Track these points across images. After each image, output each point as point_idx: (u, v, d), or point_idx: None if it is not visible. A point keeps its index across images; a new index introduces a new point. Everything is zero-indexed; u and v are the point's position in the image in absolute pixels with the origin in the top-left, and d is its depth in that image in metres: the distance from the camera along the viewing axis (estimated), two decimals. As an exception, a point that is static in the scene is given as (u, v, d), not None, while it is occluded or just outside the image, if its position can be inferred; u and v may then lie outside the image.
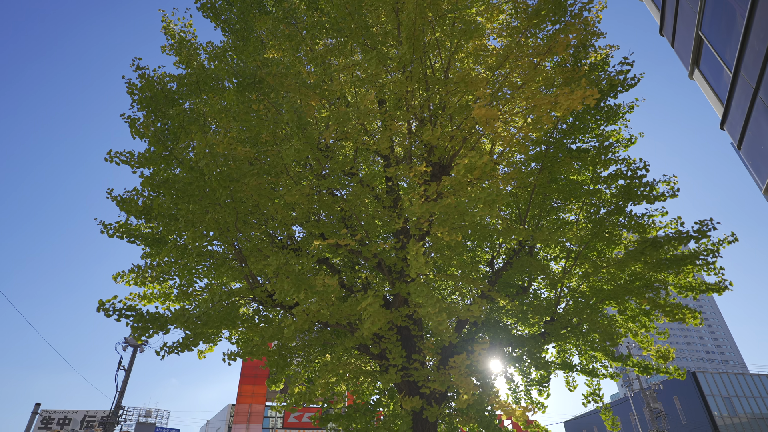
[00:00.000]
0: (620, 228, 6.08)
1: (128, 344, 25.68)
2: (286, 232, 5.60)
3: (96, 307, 4.89)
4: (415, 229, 4.80)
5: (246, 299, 5.67)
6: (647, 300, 5.82)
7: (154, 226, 5.64)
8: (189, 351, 5.12)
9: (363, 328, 4.24)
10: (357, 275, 5.92)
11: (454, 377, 4.59)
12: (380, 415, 6.57)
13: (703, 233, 5.24)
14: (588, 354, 6.84)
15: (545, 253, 6.87)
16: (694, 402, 44.91)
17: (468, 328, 6.43)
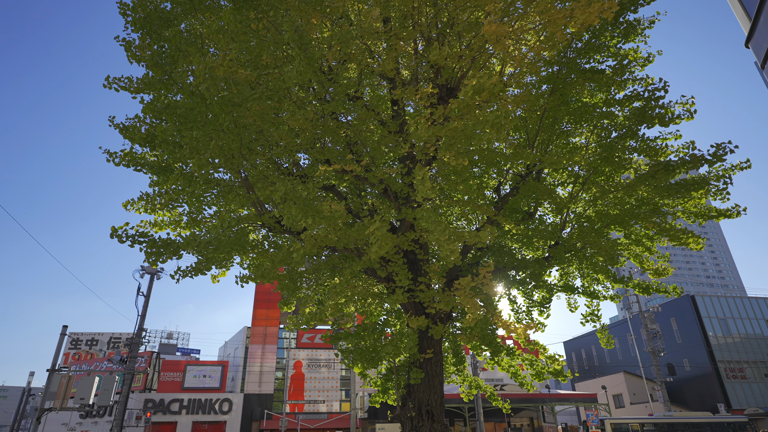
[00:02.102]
0: (631, 152, 5.97)
1: (145, 272, 26.67)
2: (292, 158, 5.57)
3: (109, 234, 5.01)
4: (421, 154, 4.75)
5: (255, 226, 5.77)
6: (653, 224, 5.84)
7: (159, 154, 5.62)
8: (202, 275, 5.30)
9: (370, 252, 4.33)
10: (363, 201, 5.95)
11: (458, 298, 4.75)
12: (387, 335, 6.91)
13: (719, 157, 5.10)
14: (590, 277, 7.00)
15: (552, 179, 6.83)
16: (690, 323, 46.67)
17: (473, 253, 6.55)
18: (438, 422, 5.07)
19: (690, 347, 46.35)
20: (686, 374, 46.10)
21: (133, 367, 25.73)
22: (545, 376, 6.99)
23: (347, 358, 5.83)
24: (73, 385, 12.40)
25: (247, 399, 36.77)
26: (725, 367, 44.33)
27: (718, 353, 44.80)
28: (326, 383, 37.86)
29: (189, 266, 5.24)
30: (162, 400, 35.31)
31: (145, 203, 5.50)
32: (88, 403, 11.86)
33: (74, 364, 35.02)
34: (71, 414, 32.81)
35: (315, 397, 37.06)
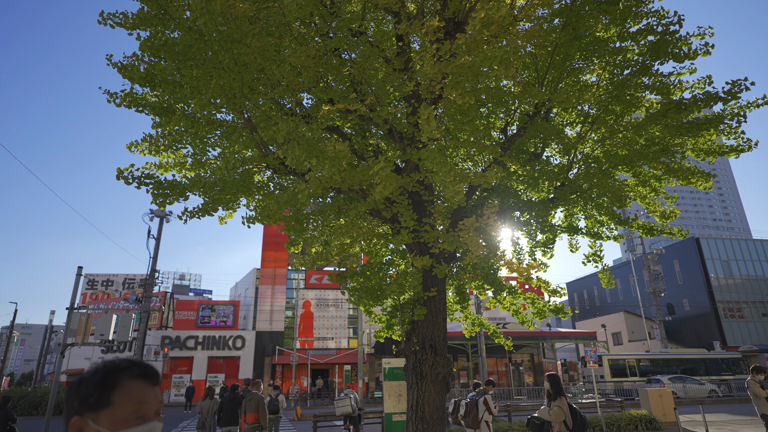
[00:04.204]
0: (643, 90, 5.78)
1: (154, 215, 27.05)
2: (294, 98, 5.46)
3: (115, 176, 5.04)
4: (426, 93, 4.63)
5: (259, 167, 5.76)
6: (661, 164, 5.76)
7: (159, 95, 5.53)
8: (210, 216, 5.38)
9: (375, 192, 4.35)
10: (367, 142, 5.89)
11: (463, 238, 4.81)
12: (392, 275, 7.06)
13: (734, 95, 4.91)
14: (594, 218, 7.02)
15: (561, 118, 6.68)
16: (693, 265, 47.24)
17: (478, 194, 6.55)
18: (440, 355, 5.30)
19: (691, 288, 47.20)
20: (685, 314, 47.27)
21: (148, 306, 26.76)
22: (546, 315, 7.19)
23: (353, 296, 6.01)
24: (93, 322, 12.96)
25: (259, 336, 38.38)
26: (724, 307, 45.34)
27: (718, 294, 45.67)
28: (334, 321, 39.27)
29: (196, 207, 5.30)
30: (178, 336, 36.96)
31: (149, 145, 5.48)
32: (108, 338, 12.43)
33: (92, 304, 36.43)
34: (93, 349, 34.59)
35: (324, 334, 38.61)
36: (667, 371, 31.09)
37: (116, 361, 1.14)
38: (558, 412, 5.60)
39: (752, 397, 9.44)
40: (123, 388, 1.09)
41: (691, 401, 24.34)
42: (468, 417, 8.24)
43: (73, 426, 1.05)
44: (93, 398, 1.07)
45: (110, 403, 1.06)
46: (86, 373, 1.13)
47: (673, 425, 14.07)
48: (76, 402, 1.08)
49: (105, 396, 1.07)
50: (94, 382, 1.10)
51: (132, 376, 1.12)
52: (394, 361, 13.47)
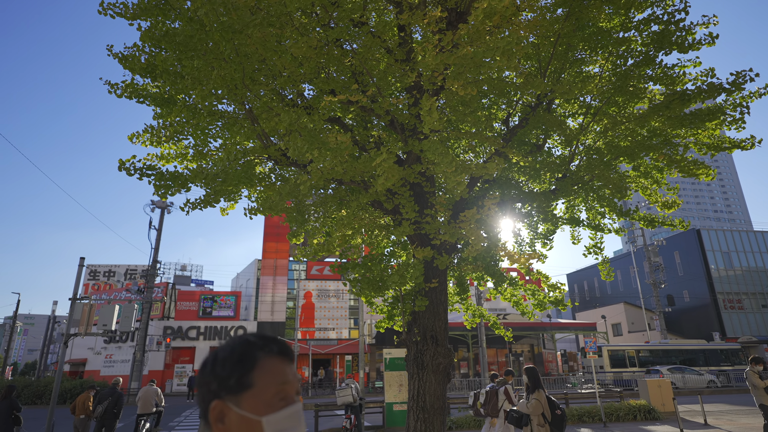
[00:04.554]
0: (646, 81, 5.75)
1: (156, 206, 27.08)
2: (296, 89, 5.44)
3: (117, 167, 5.04)
4: (428, 84, 4.61)
5: (261, 158, 5.76)
6: (663, 156, 5.75)
7: (160, 85, 5.51)
8: (211, 207, 5.39)
9: (377, 184, 4.35)
10: (369, 133, 5.88)
11: (464, 230, 4.82)
12: (394, 266, 7.09)
13: (738, 86, 4.89)
14: (595, 210, 7.02)
15: (563, 110, 6.65)
16: (694, 257, 47.27)
17: (480, 185, 6.55)
18: (441, 346, 5.34)
19: (691, 279, 47.26)
20: (685, 305, 47.40)
21: (150, 296, 26.87)
22: (547, 306, 7.22)
23: (355, 287, 6.04)
24: (95, 313, 13.03)
25: (261, 326, 38.61)
26: (724, 298, 45.43)
27: (719, 285, 45.75)
28: (335, 312, 39.44)
29: (198, 198, 5.31)
30: (180, 327, 37.18)
31: (150, 136, 5.47)
32: (111, 329, 12.51)
33: (94, 294, 36.60)
34: (96, 339, 34.84)
35: (325, 324, 38.79)
36: (667, 362, 31.26)
37: (250, 338, 1.03)
38: (536, 404, 5.66)
39: (751, 388, 9.51)
40: (263, 368, 0.99)
41: (689, 391, 24.51)
42: (487, 405, 8.44)
43: (213, 411, 0.96)
44: (233, 380, 0.97)
45: (252, 385, 0.97)
46: (221, 352, 1.02)
47: (672, 415, 14.19)
48: (214, 384, 0.98)
49: (246, 377, 0.97)
50: (232, 362, 0.99)
51: (270, 354, 1.02)
52: (395, 351, 13.58)
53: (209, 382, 0.99)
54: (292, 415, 0.97)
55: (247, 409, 0.95)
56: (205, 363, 1.03)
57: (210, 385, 0.99)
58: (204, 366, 1.03)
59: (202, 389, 1.01)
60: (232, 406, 0.95)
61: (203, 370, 1.02)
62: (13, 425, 10.05)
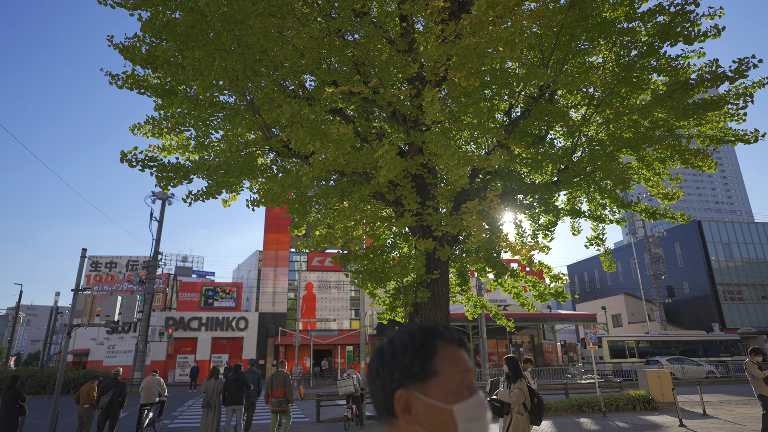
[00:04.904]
0: (650, 72, 5.71)
1: (157, 197, 27.09)
2: (297, 80, 5.41)
3: (119, 159, 5.04)
4: (431, 75, 4.59)
5: (262, 150, 5.75)
6: (666, 147, 5.73)
7: (162, 76, 5.49)
8: (213, 199, 5.39)
9: (379, 175, 4.35)
10: (371, 125, 5.86)
11: (466, 221, 4.82)
12: (395, 258, 7.10)
13: (741, 73, 4.84)
14: (597, 201, 7.02)
15: (566, 101, 6.62)
16: (694, 248, 47.31)
17: (482, 177, 6.54)
18: (443, 337, 5.37)
19: (691, 270, 47.36)
20: (685, 296, 47.53)
21: (152, 287, 26.98)
22: (547, 298, 7.25)
23: (357, 279, 6.06)
24: (98, 304, 13.09)
25: (262, 317, 38.78)
26: (724, 289, 45.55)
27: (719, 276, 45.83)
28: (336, 303, 39.59)
29: (200, 190, 5.31)
30: (182, 318, 37.35)
31: (152, 127, 5.46)
32: (114, 320, 12.57)
33: (96, 285, 36.75)
34: (98, 330, 35.04)
35: (326, 315, 38.96)
36: (666, 353, 31.41)
37: (426, 325, 0.99)
38: (518, 394, 5.73)
39: (750, 378, 9.56)
40: (445, 355, 0.95)
41: (688, 382, 24.65)
42: None
43: (399, 400, 0.91)
44: (417, 367, 0.93)
45: (437, 372, 0.93)
46: (398, 340, 0.98)
47: (671, 405, 14.29)
48: (397, 372, 0.93)
49: (429, 364, 0.93)
50: (414, 348, 0.95)
51: (449, 342, 0.97)
52: (396, 342, 13.63)
53: (391, 371, 0.94)
54: (479, 405, 0.93)
55: (435, 398, 0.91)
56: (381, 353, 0.99)
57: (392, 374, 0.94)
58: (380, 356, 0.98)
59: (380, 380, 0.96)
60: (418, 395, 0.91)
61: (379, 360, 0.97)
62: (18, 414, 10.14)
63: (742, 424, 11.14)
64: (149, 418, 12.09)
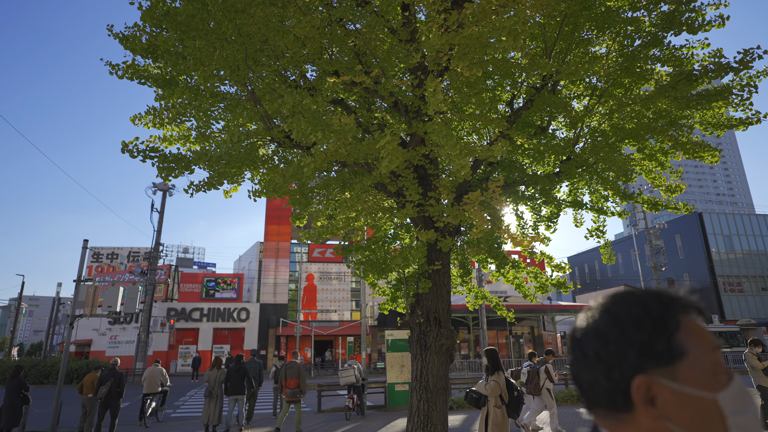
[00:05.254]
0: (654, 62, 5.67)
1: (157, 188, 27.08)
2: (299, 70, 5.38)
3: (120, 149, 5.03)
4: (433, 65, 4.56)
5: (264, 140, 5.73)
6: (669, 138, 5.71)
7: (162, 66, 5.46)
8: (215, 189, 5.38)
9: (381, 166, 4.33)
10: (373, 115, 5.83)
11: (467, 212, 4.82)
12: (396, 248, 7.11)
13: (745, 64, 4.81)
14: (599, 193, 7.00)
15: (568, 91, 6.58)
16: (695, 240, 47.33)
17: (483, 168, 6.53)
18: (444, 327, 5.39)
19: (692, 262, 47.42)
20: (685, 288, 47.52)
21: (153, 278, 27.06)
22: (549, 289, 7.26)
23: (358, 270, 6.07)
24: (100, 294, 13.14)
25: (263, 308, 38.93)
26: (724, 281, 45.63)
27: (719, 268, 45.90)
28: (337, 294, 39.71)
29: (201, 181, 5.30)
30: (183, 308, 37.52)
31: (153, 117, 5.44)
32: (116, 310, 12.63)
33: (98, 276, 36.86)
34: (101, 320, 35.20)
35: (327, 306, 39.10)
36: (665, 344, 31.49)
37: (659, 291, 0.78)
38: (494, 386, 5.74)
39: (749, 369, 9.62)
40: (690, 329, 0.73)
41: (687, 373, 24.73)
42: (530, 384, 9.09)
43: (639, 389, 0.70)
44: (660, 346, 0.72)
45: (685, 352, 0.72)
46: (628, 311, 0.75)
47: (670, 396, 14.33)
48: (631, 354, 0.72)
49: (674, 342, 0.72)
50: (651, 322, 0.73)
51: (689, 310, 0.76)
52: (396, 333, 13.71)
53: (620, 351, 0.73)
54: (743, 392, 0.72)
55: (689, 384, 0.70)
56: (598, 328, 0.76)
57: (623, 357, 0.72)
58: (598, 333, 0.76)
59: (602, 365, 0.74)
60: (665, 382, 0.70)
61: (599, 339, 0.75)
62: (22, 404, 10.23)
63: (741, 414, 11.19)
64: (152, 407, 12.19)
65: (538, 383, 8.99)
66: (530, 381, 9.12)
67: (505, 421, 5.77)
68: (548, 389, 8.96)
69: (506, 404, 5.77)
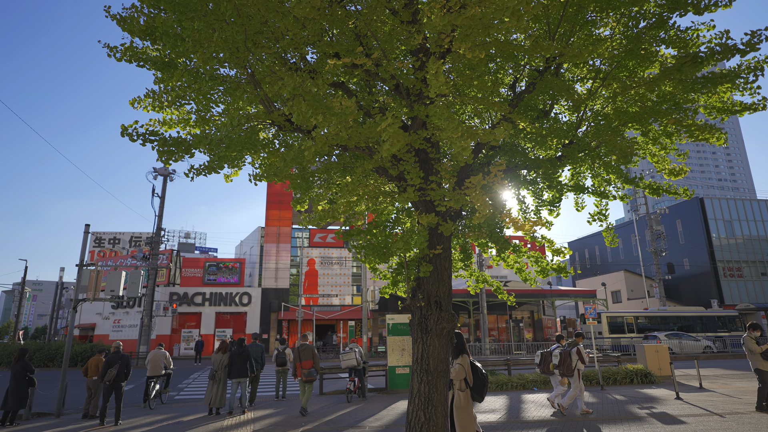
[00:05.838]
0: (659, 44, 5.59)
1: (158, 173, 27.00)
2: (299, 52, 5.31)
3: (120, 132, 5.00)
4: (435, 47, 4.50)
5: (264, 124, 5.69)
6: (673, 120, 5.66)
7: (161, 48, 5.39)
8: (215, 173, 5.36)
9: (382, 149, 4.31)
10: (374, 98, 5.78)
11: (469, 196, 4.80)
12: (398, 233, 7.11)
13: (753, 45, 4.73)
14: (601, 177, 6.97)
15: (572, 74, 6.51)
16: (696, 225, 47.30)
17: (485, 152, 6.49)
18: (445, 311, 5.42)
19: (692, 247, 47.46)
20: (685, 273, 47.75)
21: (155, 263, 27.16)
22: (549, 273, 7.28)
23: (359, 254, 6.07)
24: (102, 279, 13.21)
25: (265, 293, 39.16)
26: (724, 266, 45.73)
27: (719, 253, 45.96)
28: (338, 279, 39.89)
29: (202, 165, 5.28)
30: (186, 293, 37.74)
31: (152, 101, 5.39)
32: (119, 294, 12.71)
33: (100, 261, 37.02)
34: (104, 305, 35.45)
35: (328, 291, 39.31)
36: (665, 328, 31.76)
37: None
38: (459, 369, 5.76)
39: (747, 353, 9.69)
40: None
41: (686, 356, 25.00)
42: (562, 366, 9.42)
43: None
44: None
45: None
46: None
47: (668, 379, 14.52)
48: None
49: None
50: None
51: None
52: (397, 317, 13.81)
53: None
54: None
55: None
56: None
57: None
58: None
59: None
60: None
61: None
62: (28, 386, 10.36)
63: (738, 397, 11.33)
64: (156, 389, 12.33)
65: (571, 364, 9.31)
66: (563, 363, 9.43)
67: (469, 404, 5.78)
68: (579, 370, 9.31)
69: (471, 387, 5.79)
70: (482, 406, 10.63)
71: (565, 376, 9.52)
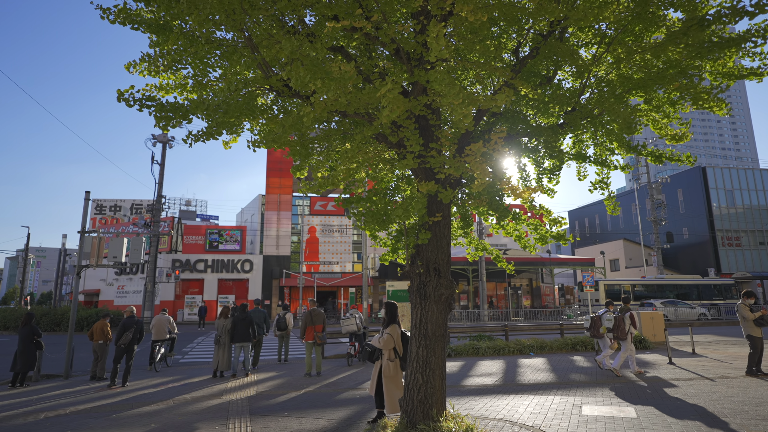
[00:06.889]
0: (666, 7, 5.43)
1: (157, 140, 26.79)
2: (297, 15, 5.17)
3: (116, 98, 4.93)
4: (436, 9, 4.38)
5: (262, 89, 5.60)
6: (678, 86, 5.55)
7: (155, 10, 5.24)
8: (214, 139, 5.32)
9: (381, 116, 4.26)
10: (374, 63, 5.66)
11: (469, 164, 4.78)
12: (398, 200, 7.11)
13: (761, 7, 4.59)
14: (604, 145, 6.91)
15: (576, 39, 6.35)
16: (697, 194, 47.22)
17: (486, 119, 6.42)
18: (444, 278, 5.48)
19: (692, 217, 47.54)
20: (684, 242, 48.00)
21: (157, 230, 27.31)
22: (549, 241, 7.31)
23: (359, 221, 6.09)
24: (105, 246, 13.31)
25: (267, 260, 39.53)
26: (723, 235, 45.92)
27: (719, 223, 46.07)
28: (339, 246, 40.19)
29: (200, 131, 5.23)
30: (188, 260, 38.12)
31: (148, 65, 5.29)
32: (121, 261, 12.84)
33: (101, 228, 37.21)
34: (107, 271, 35.86)
35: (329, 258, 39.67)
36: (661, 296, 32.20)
37: None
38: (388, 339, 5.84)
39: (740, 320, 9.86)
40: None
41: (681, 323, 25.46)
42: (617, 330, 10.08)
43: None
44: None
45: None
46: None
47: (662, 345, 14.84)
48: None
49: None
50: None
51: None
52: (397, 284, 14.00)
53: None
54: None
55: None
56: None
57: None
58: None
59: None
60: None
61: None
62: (36, 349, 10.62)
63: (729, 362, 11.60)
64: (161, 353, 12.64)
65: (624, 329, 9.95)
66: (617, 327, 10.05)
67: (398, 374, 5.87)
68: (631, 333, 10.00)
69: (400, 357, 5.88)
70: (479, 370, 10.91)
71: (618, 339, 10.11)
